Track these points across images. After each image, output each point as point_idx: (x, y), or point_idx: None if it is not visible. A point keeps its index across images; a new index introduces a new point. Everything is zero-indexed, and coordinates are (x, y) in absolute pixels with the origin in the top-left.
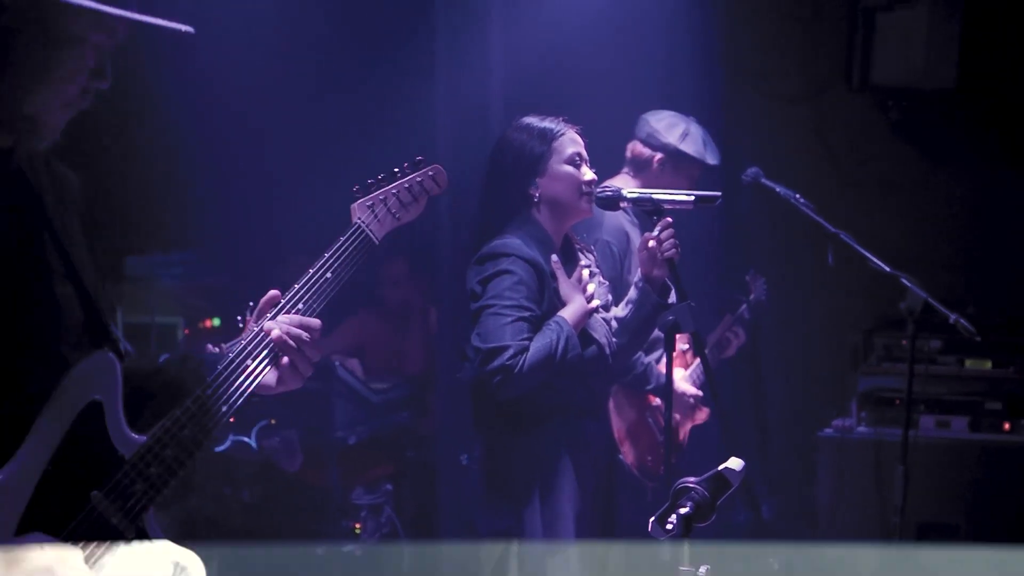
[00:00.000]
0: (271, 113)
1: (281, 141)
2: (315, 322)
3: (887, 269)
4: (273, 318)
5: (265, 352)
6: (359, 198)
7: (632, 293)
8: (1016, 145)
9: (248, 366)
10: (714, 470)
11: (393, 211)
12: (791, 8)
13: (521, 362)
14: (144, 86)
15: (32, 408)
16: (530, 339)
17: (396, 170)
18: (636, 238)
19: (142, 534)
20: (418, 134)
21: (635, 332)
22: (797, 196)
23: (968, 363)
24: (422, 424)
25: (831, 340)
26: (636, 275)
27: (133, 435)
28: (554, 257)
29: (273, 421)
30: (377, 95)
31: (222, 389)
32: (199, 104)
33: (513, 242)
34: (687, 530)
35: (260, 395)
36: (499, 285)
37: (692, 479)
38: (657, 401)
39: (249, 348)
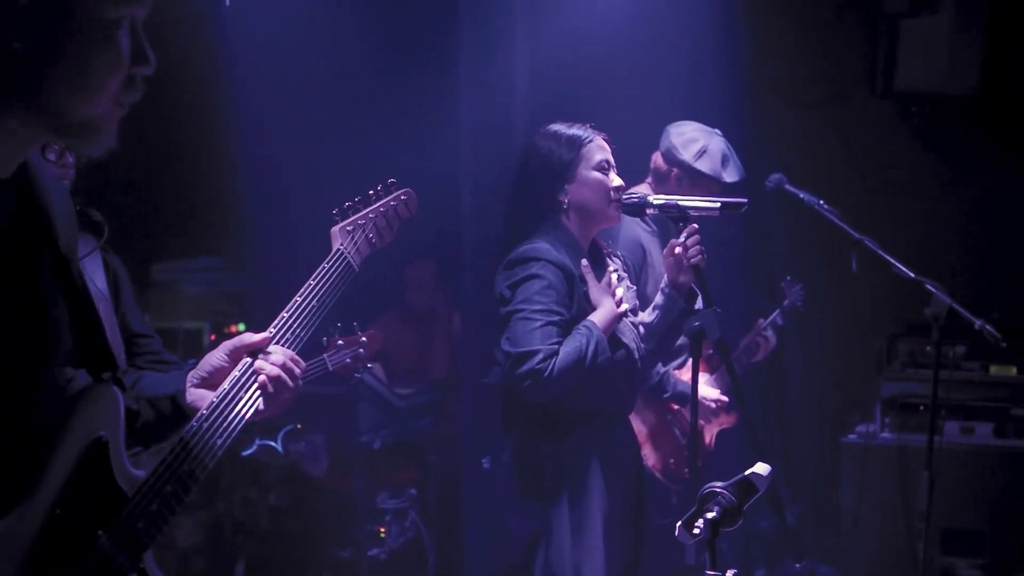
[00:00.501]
0: (297, 119)
1: (306, 148)
2: (301, 362)
3: (911, 275)
4: (265, 339)
5: (256, 387)
6: (338, 221)
7: (659, 299)
8: None
9: (241, 398)
10: (741, 475)
11: (370, 237)
12: (814, 14)
13: (551, 366)
14: (172, 94)
15: (28, 436)
16: (559, 343)
17: (371, 192)
18: (653, 250)
19: (143, 573)
20: (443, 140)
21: (662, 337)
22: (821, 202)
23: (993, 369)
24: (446, 428)
25: (855, 346)
26: (663, 281)
27: (134, 471)
28: (584, 261)
29: (299, 426)
30: (402, 103)
31: (218, 422)
32: (227, 114)
33: (542, 246)
34: (714, 534)
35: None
36: (528, 289)
37: (719, 484)
38: (677, 406)
39: (241, 381)
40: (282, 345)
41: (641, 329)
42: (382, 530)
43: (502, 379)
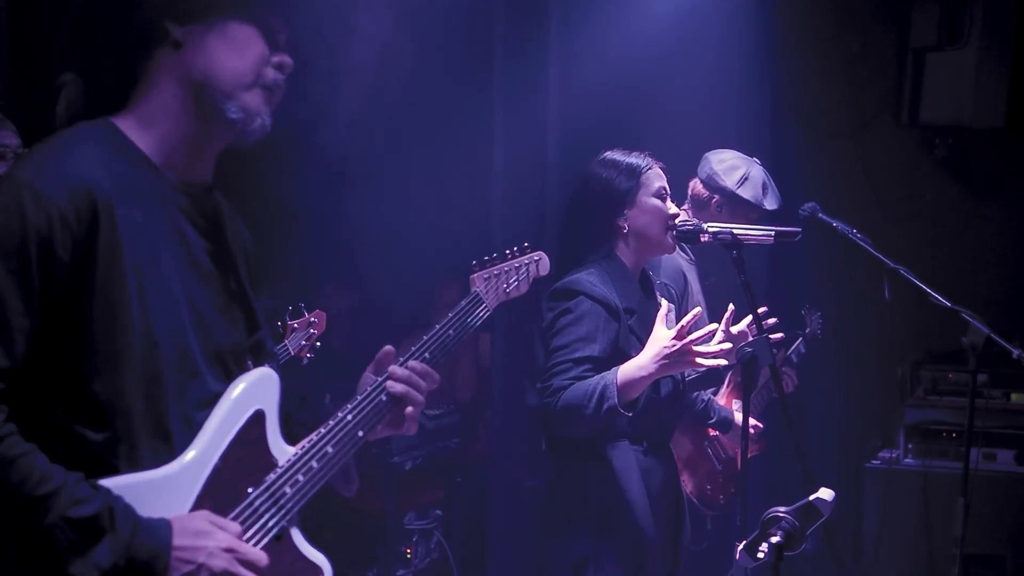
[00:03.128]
0: (319, 137)
1: (331, 168)
2: (435, 374)
3: (948, 304)
4: (402, 365)
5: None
6: (476, 271)
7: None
8: None
9: (376, 400)
10: (804, 500)
11: (504, 287)
12: (842, 46)
13: (556, 401)
14: None
15: (200, 402)
16: (573, 380)
17: (507, 252)
18: (692, 279)
19: (287, 534)
20: (476, 163)
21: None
22: (854, 231)
23: (1015, 396)
24: (472, 450)
25: (877, 373)
26: None
27: (287, 444)
28: (664, 304)
29: None
30: (435, 125)
31: (359, 416)
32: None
33: (585, 279)
34: (779, 558)
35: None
36: (560, 323)
37: (783, 508)
38: (714, 432)
39: (379, 388)
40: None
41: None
42: (408, 551)
43: (540, 402)
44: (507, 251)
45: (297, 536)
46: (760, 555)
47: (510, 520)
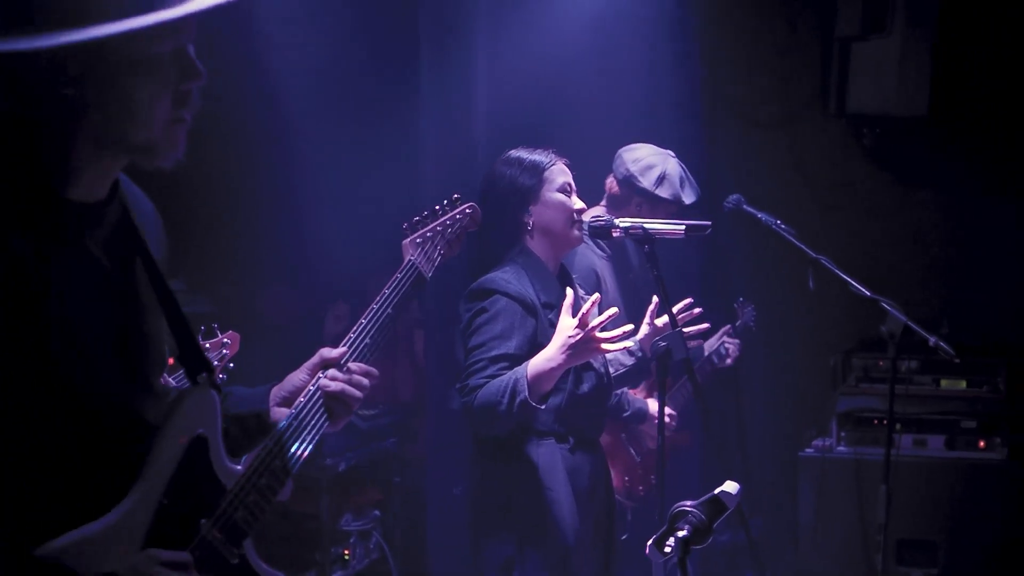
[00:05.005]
0: (250, 141)
1: (268, 169)
2: (374, 371)
3: (867, 293)
4: (347, 360)
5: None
6: (408, 235)
7: (630, 360)
8: (986, 170)
9: (314, 410)
10: (710, 493)
11: (440, 248)
12: (768, 37)
13: (472, 401)
14: None
15: (134, 438)
16: (491, 379)
17: (437, 207)
18: (606, 276)
19: (244, 560)
20: (405, 162)
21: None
22: (778, 222)
23: (944, 383)
24: (409, 450)
25: (810, 362)
26: (635, 344)
27: (233, 466)
28: (570, 295)
29: None
30: (364, 122)
31: (298, 430)
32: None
33: (499, 278)
34: (685, 553)
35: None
36: (476, 323)
37: (689, 502)
38: (638, 425)
39: (315, 395)
40: (361, 349)
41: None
42: (346, 552)
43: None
44: (436, 207)
45: (253, 557)
46: (668, 550)
47: (449, 520)
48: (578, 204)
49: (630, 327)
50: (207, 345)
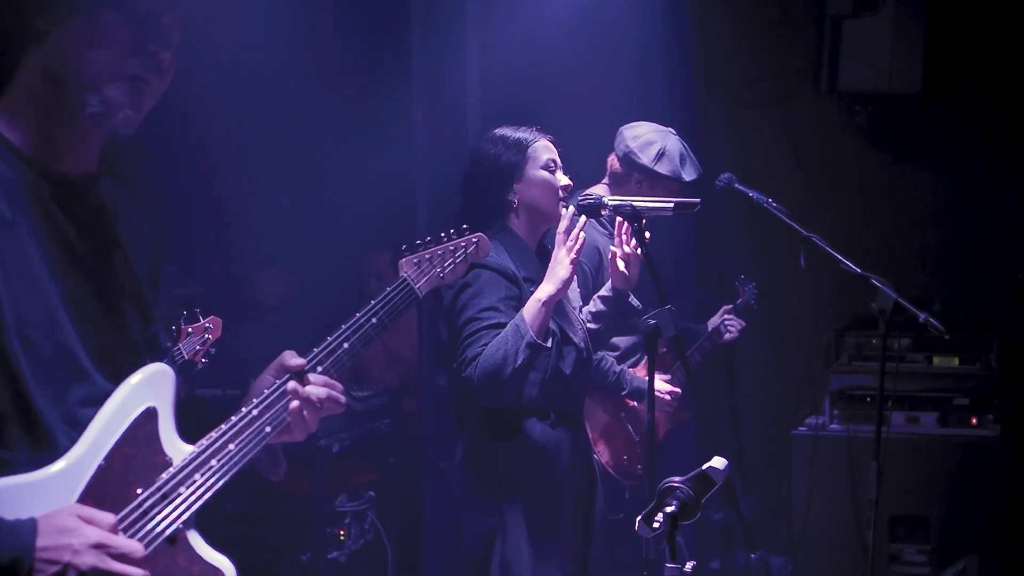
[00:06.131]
0: (248, 121)
1: (259, 151)
2: (338, 386)
3: (858, 271)
4: (318, 362)
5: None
6: (406, 255)
7: (605, 291)
8: (980, 147)
9: (268, 414)
10: (698, 469)
11: (438, 270)
12: (761, 15)
13: (474, 371)
14: None
15: (91, 409)
16: (486, 347)
17: (442, 234)
18: (608, 252)
19: (181, 535)
20: (397, 142)
21: (610, 322)
22: (769, 200)
23: (936, 360)
24: (403, 430)
25: (803, 340)
26: (607, 285)
27: (184, 443)
28: (561, 231)
29: None
30: (352, 110)
31: (272, 409)
32: (171, 116)
33: None
34: (674, 528)
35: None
36: (462, 298)
37: (677, 478)
38: (633, 403)
39: (271, 399)
40: (337, 356)
41: (590, 326)
42: (341, 533)
43: (451, 381)
44: (442, 233)
45: (195, 538)
46: (656, 525)
47: (444, 500)
48: (563, 180)
49: None
50: (190, 330)
